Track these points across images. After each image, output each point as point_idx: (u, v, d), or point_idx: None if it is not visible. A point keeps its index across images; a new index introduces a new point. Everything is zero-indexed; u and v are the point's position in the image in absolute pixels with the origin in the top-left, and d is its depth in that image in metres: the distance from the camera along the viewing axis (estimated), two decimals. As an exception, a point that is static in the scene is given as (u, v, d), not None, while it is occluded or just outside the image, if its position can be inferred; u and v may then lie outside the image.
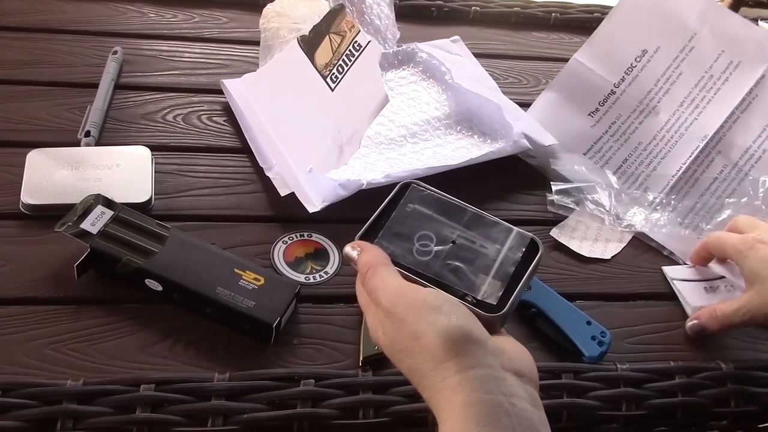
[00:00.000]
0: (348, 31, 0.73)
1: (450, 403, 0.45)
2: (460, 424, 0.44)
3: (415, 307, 0.48)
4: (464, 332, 0.47)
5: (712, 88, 0.86)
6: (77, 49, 0.88)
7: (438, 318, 0.47)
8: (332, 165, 0.74)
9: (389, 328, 0.49)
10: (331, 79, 0.75)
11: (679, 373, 0.67)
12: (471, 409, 0.44)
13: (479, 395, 0.44)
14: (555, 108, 0.91)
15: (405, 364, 0.49)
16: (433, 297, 0.49)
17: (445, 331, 0.47)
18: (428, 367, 0.47)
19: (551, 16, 1.09)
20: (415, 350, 0.47)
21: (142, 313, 0.65)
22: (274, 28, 0.84)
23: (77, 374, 0.59)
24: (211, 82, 0.87)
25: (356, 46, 0.72)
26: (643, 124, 0.87)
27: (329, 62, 0.75)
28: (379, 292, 0.50)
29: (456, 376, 0.45)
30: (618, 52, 0.90)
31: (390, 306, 0.49)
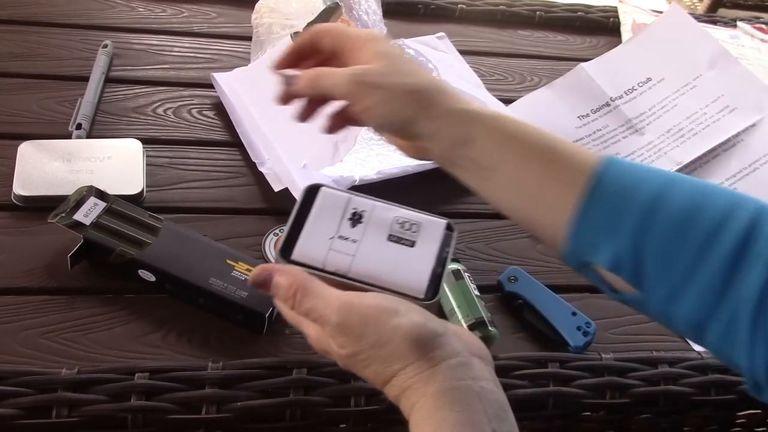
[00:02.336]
0: None
1: (423, 395, 0.46)
2: (434, 411, 0.45)
3: (371, 315, 0.47)
4: (429, 329, 0.47)
5: (702, 123, 0.90)
6: (67, 42, 0.88)
7: (399, 320, 0.47)
8: (327, 162, 0.75)
9: (346, 342, 0.48)
10: None
11: (661, 363, 0.69)
12: (444, 396, 0.45)
13: (452, 383, 0.45)
14: (547, 104, 0.93)
15: (370, 371, 0.48)
16: (385, 300, 0.49)
17: (411, 332, 0.47)
18: (397, 368, 0.47)
19: (536, 15, 1.11)
20: (380, 357, 0.47)
21: (135, 303, 0.65)
22: (267, 23, 0.85)
23: (72, 363, 0.59)
24: (200, 76, 0.88)
25: None
26: (627, 139, 0.90)
27: None
28: (321, 310, 0.48)
29: (429, 370, 0.46)
30: (624, 72, 0.94)
31: (343, 320, 0.47)
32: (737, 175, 0.86)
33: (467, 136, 0.55)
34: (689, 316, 0.49)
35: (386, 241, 0.54)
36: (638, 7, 1.13)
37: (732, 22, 1.15)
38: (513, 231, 0.80)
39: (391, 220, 0.55)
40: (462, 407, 0.44)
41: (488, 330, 0.66)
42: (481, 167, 0.55)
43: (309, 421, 0.60)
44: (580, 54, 1.07)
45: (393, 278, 0.52)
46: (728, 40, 1.07)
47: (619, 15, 1.11)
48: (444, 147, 0.56)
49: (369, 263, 0.53)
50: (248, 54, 0.90)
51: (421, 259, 0.53)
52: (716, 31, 1.09)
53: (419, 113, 0.55)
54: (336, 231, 0.54)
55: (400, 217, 0.55)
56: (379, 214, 0.55)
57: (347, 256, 0.53)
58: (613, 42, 1.09)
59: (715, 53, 0.93)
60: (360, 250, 0.53)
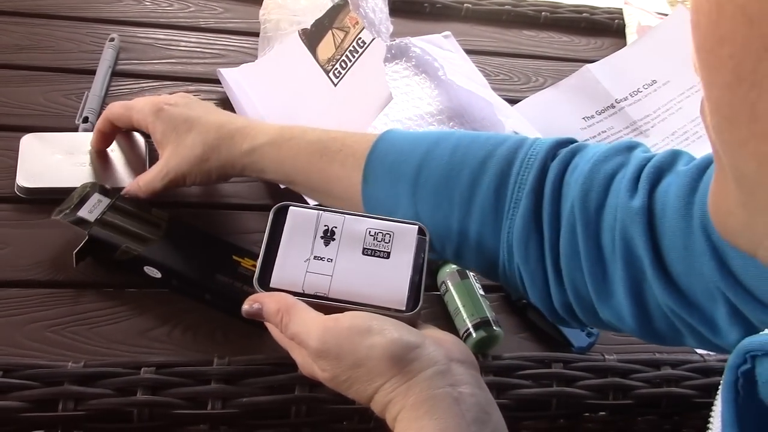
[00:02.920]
0: (352, 27, 0.74)
1: (403, 407, 0.47)
2: (414, 420, 0.46)
3: (345, 337, 0.48)
4: (403, 343, 0.48)
5: None
6: (73, 35, 0.88)
7: (373, 339, 0.48)
8: None
9: (326, 365, 0.49)
10: (333, 74, 0.76)
11: (663, 365, 0.69)
12: (423, 406, 0.46)
13: (429, 392, 0.46)
14: (551, 105, 0.93)
15: (353, 390, 0.49)
16: (359, 319, 0.49)
17: (386, 350, 0.47)
18: (378, 384, 0.48)
19: (541, 15, 1.11)
20: (360, 377, 0.48)
21: (140, 298, 0.65)
22: (275, 19, 0.85)
23: (78, 356, 0.60)
24: (207, 71, 0.88)
25: (360, 43, 0.73)
26: None
27: (332, 57, 0.76)
28: (303, 335, 0.50)
29: (406, 383, 0.47)
30: (630, 74, 0.95)
31: (320, 345, 0.49)
32: None
33: (260, 172, 0.66)
34: (478, 263, 0.57)
35: (361, 255, 0.54)
36: (643, 9, 1.13)
37: None
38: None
39: (364, 232, 0.55)
40: (440, 414, 0.45)
41: (493, 330, 0.66)
42: (281, 182, 0.68)
43: (314, 418, 0.61)
44: (584, 55, 1.07)
45: (373, 293, 0.52)
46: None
47: (624, 17, 1.11)
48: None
49: (347, 281, 0.53)
50: (255, 50, 0.91)
51: (398, 270, 0.54)
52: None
53: (219, 163, 0.66)
54: (310, 252, 0.54)
55: (371, 228, 0.55)
56: (351, 227, 0.55)
57: (325, 276, 0.53)
58: (618, 44, 1.09)
59: None
60: (337, 269, 0.53)
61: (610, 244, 0.52)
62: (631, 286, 0.51)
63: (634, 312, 0.52)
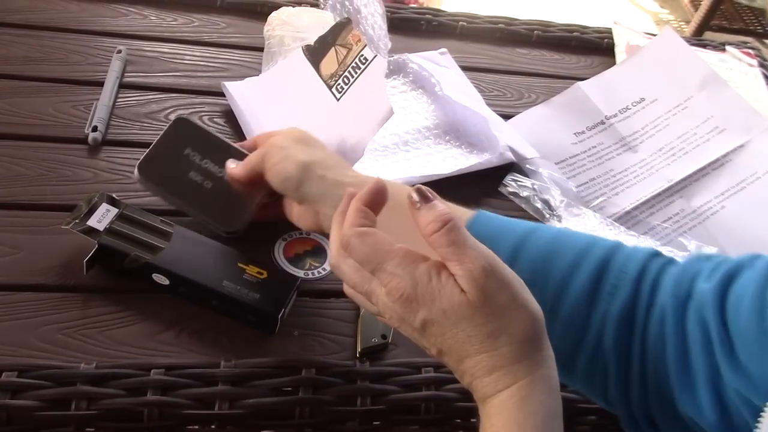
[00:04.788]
0: (354, 44, 0.77)
1: (525, 377, 0.47)
2: (536, 395, 0.47)
3: (510, 280, 0.47)
4: (542, 318, 0.48)
5: (692, 143, 0.94)
6: (82, 47, 0.90)
7: (530, 302, 0.48)
8: None
9: (472, 297, 0.46)
10: (336, 90, 0.79)
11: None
12: (546, 382, 0.47)
13: (550, 372, 0.48)
14: (544, 120, 0.96)
15: (457, 336, 0.47)
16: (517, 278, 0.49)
17: (537, 318, 0.48)
18: (501, 344, 0.47)
19: (533, 34, 1.14)
20: (492, 329, 0.47)
21: (148, 302, 0.68)
22: (279, 35, 0.88)
23: (89, 358, 0.62)
24: (211, 84, 0.90)
25: (362, 60, 0.76)
26: (621, 156, 0.94)
27: (335, 73, 0.78)
28: (473, 253, 0.47)
29: (540, 353, 0.48)
30: (619, 92, 0.99)
31: (486, 273, 0.46)
32: (725, 193, 0.90)
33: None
34: (559, 354, 0.50)
35: None
36: (632, 29, 1.17)
37: (721, 46, 1.19)
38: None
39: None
40: (555, 395, 0.48)
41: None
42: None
43: (317, 419, 0.63)
44: (575, 73, 1.10)
45: None
46: (717, 63, 1.12)
47: (614, 36, 1.15)
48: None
49: None
50: (258, 64, 0.93)
51: None
52: (706, 55, 1.13)
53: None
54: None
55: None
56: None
57: None
58: (608, 62, 1.13)
59: (706, 76, 0.98)
60: None
61: (694, 331, 0.53)
62: (710, 374, 0.51)
63: (713, 402, 0.51)
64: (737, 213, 0.88)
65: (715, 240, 0.86)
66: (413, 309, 0.48)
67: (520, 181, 0.87)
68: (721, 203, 0.90)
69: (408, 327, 0.49)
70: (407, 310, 0.48)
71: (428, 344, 0.49)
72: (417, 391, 0.65)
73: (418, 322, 0.48)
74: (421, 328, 0.48)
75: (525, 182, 0.87)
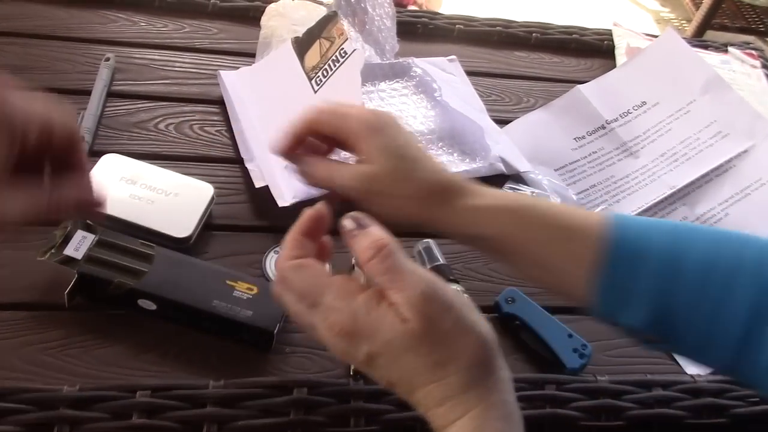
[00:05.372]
0: (337, 37, 0.76)
1: (477, 406, 0.45)
2: (492, 421, 0.45)
3: (451, 304, 0.46)
4: (493, 341, 0.47)
5: (695, 148, 0.92)
6: (69, 55, 0.88)
7: (479, 323, 0.47)
8: None
9: (412, 325, 0.45)
10: (315, 82, 0.78)
11: (655, 386, 0.70)
12: (500, 409, 0.46)
13: (505, 396, 0.46)
14: (543, 125, 0.95)
15: (403, 367, 0.46)
16: (460, 296, 0.48)
17: (486, 341, 0.47)
18: (450, 371, 0.45)
19: (532, 36, 1.12)
20: (436, 357, 0.45)
21: (134, 320, 0.66)
22: (273, 26, 0.88)
23: (73, 380, 0.60)
24: (202, 92, 0.88)
25: (342, 53, 0.75)
26: (622, 162, 0.92)
27: (317, 65, 0.78)
28: (408, 279, 0.46)
29: (487, 382, 0.46)
30: (620, 96, 0.96)
31: (425, 298, 0.45)
32: (729, 200, 0.88)
33: (482, 234, 0.56)
34: (722, 361, 0.51)
35: None
36: (632, 30, 1.15)
37: (723, 47, 1.17)
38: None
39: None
40: (515, 421, 0.46)
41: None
42: (497, 254, 0.58)
43: (309, 441, 0.61)
44: (574, 76, 1.08)
45: None
46: (720, 65, 1.09)
47: (614, 38, 1.13)
48: (459, 239, 0.59)
49: None
50: (249, 71, 0.91)
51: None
52: (708, 56, 1.11)
53: (431, 216, 0.56)
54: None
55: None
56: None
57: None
58: (607, 64, 1.11)
59: (709, 79, 0.95)
60: None
61: None
62: None
63: None
64: (742, 221, 0.86)
65: None
66: (356, 343, 0.46)
67: (518, 189, 0.85)
68: (725, 210, 0.87)
69: (354, 361, 0.47)
70: (350, 344, 0.46)
71: (377, 376, 0.47)
72: (412, 411, 0.62)
73: (363, 355, 0.46)
74: (366, 362, 0.47)
75: (523, 190, 0.85)
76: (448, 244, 0.79)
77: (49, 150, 0.47)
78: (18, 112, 0.45)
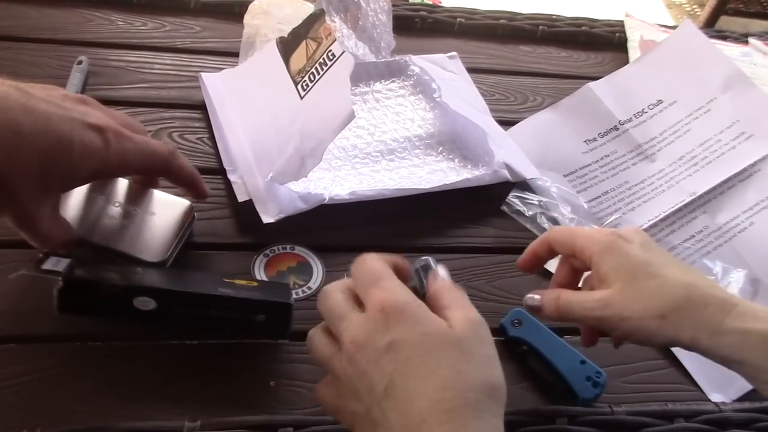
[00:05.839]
0: (325, 38, 0.69)
1: None
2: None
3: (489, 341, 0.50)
4: None
5: (716, 151, 0.85)
6: (39, 59, 0.82)
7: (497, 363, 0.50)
8: (292, 176, 0.70)
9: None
10: (302, 87, 0.71)
11: (677, 417, 0.64)
12: None
13: None
14: (551, 126, 0.88)
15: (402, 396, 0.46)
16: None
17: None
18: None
19: (538, 29, 1.06)
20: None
21: (105, 351, 0.60)
22: (258, 25, 0.82)
23: (34, 422, 0.54)
24: (182, 96, 0.82)
25: (330, 55, 0.69)
26: (636, 166, 0.85)
27: (303, 68, 0.72)
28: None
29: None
30: (634, 94, 0.89)
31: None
32: (754, 208, 0.81)
33: (734, 357, 0.53)
34: None
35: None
36: (645, 21, 1.08)
37: (743, 38, 1.10)
38: (516, 267, 0.74)
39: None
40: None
41: (491, 383, 0.60)
42: (749, 377, 0.54)
43: (296, 489, 0.55)
44: (584, 71, 1.02)
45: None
46: (740, 58, 1.02)
47: (626, 30, 1.06)
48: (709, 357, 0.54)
49: None
50: (234, 72, 0.85)
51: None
52: (727, 48, 1.04)
53: (675, 335, 0.53)
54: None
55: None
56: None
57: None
58: (619, 58, 1.04)
59: (730, 74, 0.88)
60: None
61: None
62: None
63: None
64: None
65: (744, 261, 0.77)
66: (389, 327, 0.47)
67: (525, 198, 0.78)
68: (750, 219, 0.80)
69: (364, 351, 0.47)
70: (380, 326, 0.47)
71: (376, 372, 0.46)
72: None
73: (385, 341, 0.46)
74: (384, 350, 0.46)
75: (530, 199, 0.78)
76: (447, 260, 0.72)
77: None
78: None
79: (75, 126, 0.53)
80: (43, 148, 0.52)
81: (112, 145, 0.56)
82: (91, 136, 0.54)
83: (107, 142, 0.55)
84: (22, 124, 0.50)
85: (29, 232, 0.56)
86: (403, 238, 0.74)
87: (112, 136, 0.56)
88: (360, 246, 0.71)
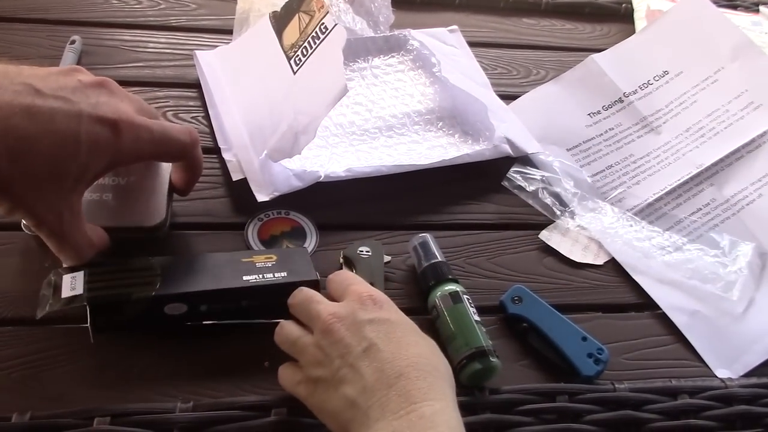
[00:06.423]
0: (317, 11, 0.68)
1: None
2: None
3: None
4: None
5: (723, 122, 0.83)
6: (31, 39, 0.81)
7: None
8: (286, 153, 0.69)
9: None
10: (294, 62, 0.70)
11: (681, 393, 0.62)
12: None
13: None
14: (553, 100, 0.86)
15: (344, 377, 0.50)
16: None
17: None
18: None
19: (542, 2, 1.03)
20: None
21: (88, 336, 0.59)
22: (250, 0, 0.80)
23: (24, 405, 0.53)
24: (177, 74, 0.81)
25: (322, 28, 0.67)
26: (642, 139, 0.83)
27: (295, 43, 0.70)
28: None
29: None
30: (639, 65, 0.88)
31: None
32: (763, 179, 0.79)
33: None
34: None
35: None
36: (652, -9, 1.05)
37: (754, 6, 1.07)
38: (517, 243, 0.73)
39: None
40: None
41: (489, 361, 0.59)
42: None
43: (290, 469, 0.54)
44: (589, 44, 0.99)
45: None
46: (750, 27, 1.00)
47: (632, 0, 1.04)
48: None
49: None
50: (229, 49, 0.83)
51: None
52: (737, 17, 1.01)
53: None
54: None
55: None
56: None
57: None
58: (625, 30, 1.02)
59: (739, 43, 0.86)
60: None
61: None
62: None
63: None
64: (777, 203, 0.77)
65: (752, 234, 0.75)
66: (374, 309, 0.52)
67: (526, 173, 0.77)
68: (759, 191, 0.78)
69: (344, 321, 0.51)
70: (365, 307, 0.52)
71: (355, 336, 0.50)
72: None
73: (369, 317, 0.51)
74: (367, 321, 0.51)
75: (532, 174, 0.77)
76: (447, 237, 0.71)
77: None
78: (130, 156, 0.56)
79: (81, 121, 0.50)
80: (48, 150, 0.49)
81: (123, 136, 0.53)
82: (100, 130, 0.51)
83: (118, 133, 0.52)
84: (25, 129, 0.48)
85: (56, 242, 0.55)
86: (402, 215, 0.73)
87: (125, 126, 0.53)
88: (358, 224, 0.71)
